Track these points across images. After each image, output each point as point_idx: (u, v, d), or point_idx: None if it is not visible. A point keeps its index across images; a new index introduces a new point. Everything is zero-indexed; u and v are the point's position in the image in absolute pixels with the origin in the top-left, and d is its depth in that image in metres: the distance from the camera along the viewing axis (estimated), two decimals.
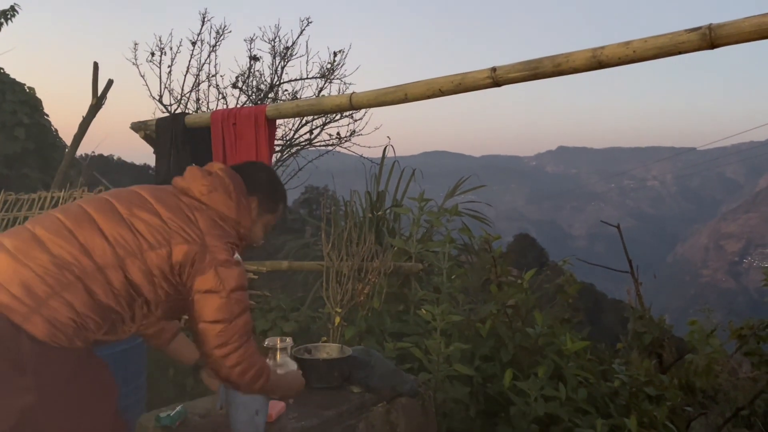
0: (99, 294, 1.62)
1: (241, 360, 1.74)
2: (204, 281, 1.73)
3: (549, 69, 2.10)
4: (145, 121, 3.76)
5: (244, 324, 1.75)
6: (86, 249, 1.64)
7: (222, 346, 1.71)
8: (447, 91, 2.35)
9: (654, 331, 4.65)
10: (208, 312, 1.72)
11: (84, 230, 1.68)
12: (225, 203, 1.89)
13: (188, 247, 1.72)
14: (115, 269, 1.65)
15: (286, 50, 8.10)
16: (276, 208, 2.07)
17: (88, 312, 1.61)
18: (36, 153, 9.39)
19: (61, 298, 1.58)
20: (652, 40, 1.85)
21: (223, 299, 1.73)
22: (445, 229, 3.32)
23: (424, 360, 2.76)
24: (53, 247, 1.63)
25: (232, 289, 1.75)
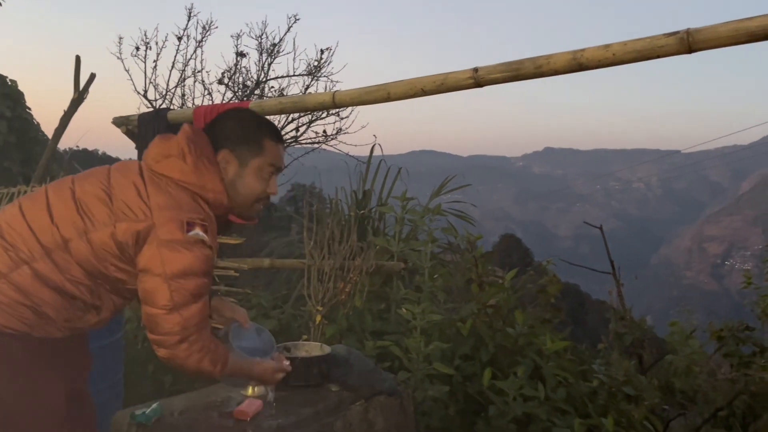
0: (49, 277, 1.54)
1: (187, 354, 1.57)
2: (143, 259, 1.55)
3: (530, 70, 2.11)
4: (127, 116, 3.73)
5: (190, 316, 1.56)
6: (33, 231, 1.57)
7: (163, 335, 1.55)
8: (429, 90, 2.35)
9: (635, 331, 4.69)
10: (146, 295, 1.56)
11: (34, 211, 1.60)
12: (179, 168, 1.64)
13: (132, 225, 1.55)
14: (62, 251, 1.55)
15: (273, 47, 8.07)
16: (259, 148, 1.75)
17: (40, 296, 1.54)
18: (17, 146, 9.29)
19: (6, 282, 1.52)
20: (632, 43, 1.87)
21: (163, 284, 1.54)
22: (429, 229, 3.32)
23: (404, 359, 2.77)
24: (5, 230, 1.58)
25: (174, 274, 1.54)
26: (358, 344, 3.01)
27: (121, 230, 1.55)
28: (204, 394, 2.18)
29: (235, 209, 1.79)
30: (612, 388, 3.43)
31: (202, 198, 1.65)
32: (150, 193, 1.59)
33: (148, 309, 1.56)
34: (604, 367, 3.77)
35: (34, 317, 1.55)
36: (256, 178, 1.76)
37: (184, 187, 1.63)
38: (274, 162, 1.79)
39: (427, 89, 2.37)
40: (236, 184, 1.74)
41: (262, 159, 1.76)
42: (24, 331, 1.54)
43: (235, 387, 2.03)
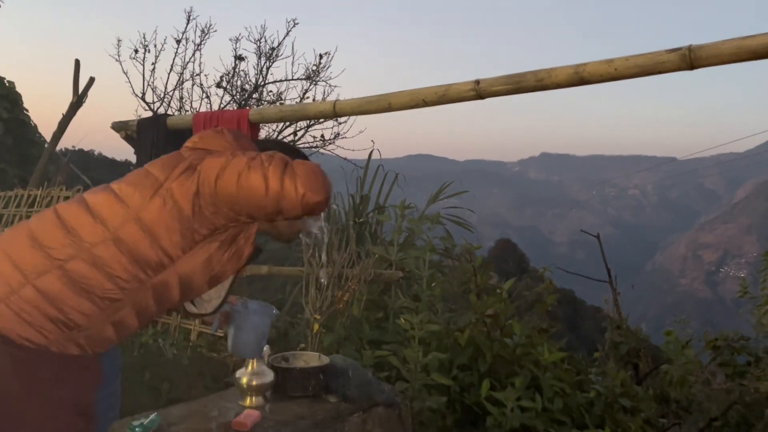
0: (82, 278, 1.50)
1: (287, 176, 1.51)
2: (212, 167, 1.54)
3: (531, 83, 2.11)
4: (126, 121, 3.72)
5: (271, 156, 1.54)
6: (73, 229, 1.53)
7: (266, 179, 1.50)
8: (431, 101, 2.35)
9: (631, 341, 4.70)
10: (247, 184, 1.51)
11: (72, 214, 1.57)
12: (217, 141, 1.67)
13: (185, 177, 1.55)
14: (107, 243, 1.52)
15: (272, 51, 8.07)
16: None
17: (68, 302, 1.49)
18: (14, 148, 9.28)
19: (32, 287, 1.47)
20: (634, 59, 1.88)
21: (231, 160, 1.54)
22: (427, 237, 3.32)
23: (402, 369, 2.76)
24: (38, 232, 1.54)
25: (246, 159, 1.54)
26: (356, 353, 3.00)
27: (176, 188, 1.54)
28: (202, 404, 2.18)
29: (276, 229, 1.76)
30: (609, 399, 3.44)
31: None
32: (187, 155, 1.61)
33: (255, 191, 1.51)
34: (600, 377, 3.77)
35: (57, 330, 1.50)
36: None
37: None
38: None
39: (428, 100, 2.38)
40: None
41: None
42: (42, 344, 1.49)
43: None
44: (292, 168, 1.54)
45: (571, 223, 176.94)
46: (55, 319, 1.49)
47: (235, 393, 2.21)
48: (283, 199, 1.51)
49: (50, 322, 1.49)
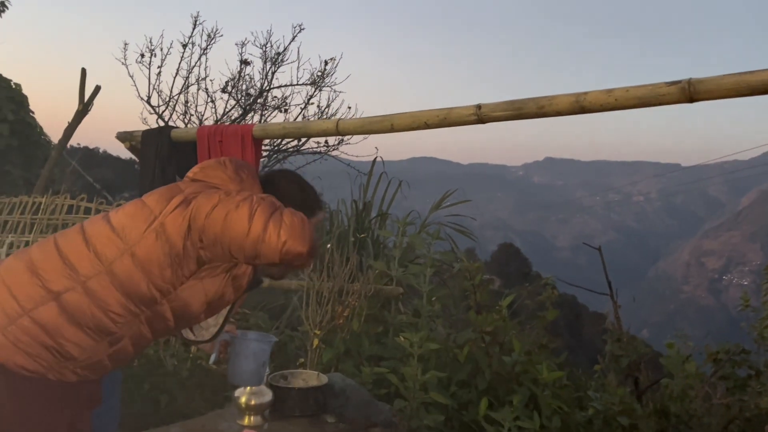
0: (78, 311, 1.53)
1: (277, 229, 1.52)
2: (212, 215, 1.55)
3: (533, 110, 2.13)
4: (131, 132, 3.75)
5: (262, 199, 1.57)
6: (69, 262, 1.56)
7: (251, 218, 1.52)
8: (432, 124, 2.37)
9: (631, 354, 4.69)
10: (232, 223, 1.54)
11: (70, 244, 1.61)
12: (218, 174, 1.69)
13: (178, 211, 1.58)
14: (102, 276, 1.55)
15: (278, 56, 8.10)
16: (311, 215, 1.78)
17: (64, 334, 1.52)
18: (19, 150, 9.32)
19: (29, 319, 1.51)
20: (634, 90, 1.90)
21: (240, 203, 1.56)
22: (428, 253, 3.33)
23: (401, 387, 2.77)
24: (37, 263, 1.58)
25: (242, 198, 1.57)
26: (355, 369, 3.01)
27: (169, 222, 1.56)
28: (200, 423, 2.19)
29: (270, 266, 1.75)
30: (607, 417, 3.44)
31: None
32: (184, 187, 1.63)
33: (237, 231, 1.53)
34: (599, 393, 3.77)
35: (53, 359, 1.53)
36: None
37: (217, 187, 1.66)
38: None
39: (430, 123, 2.40)
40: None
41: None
42: (40, 372, 1.52)
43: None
44: (279, 214, 1.55)
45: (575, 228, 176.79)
46: (51, 348, 1.52)
47: (234, 411, 2.23)
48: (262, 243, 1.52)
49: (47, 352, 1.51)
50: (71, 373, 1.57)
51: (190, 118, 7.84)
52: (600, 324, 5.98)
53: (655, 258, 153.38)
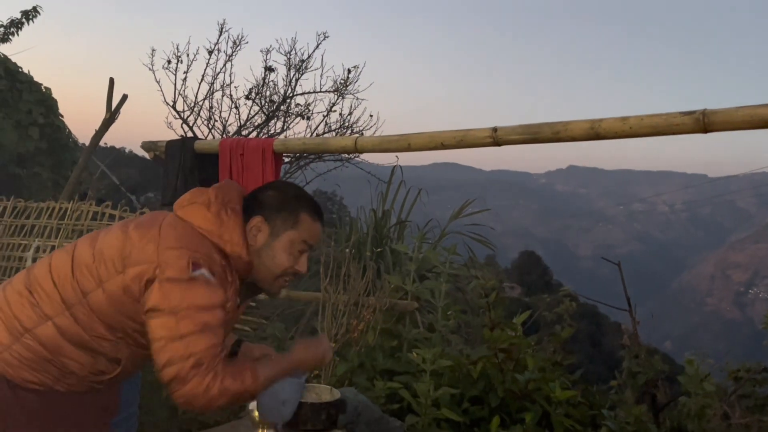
0: (71, 333, 1.56)
1: (201, 385, 1.48)
2: (149, 299, 1.51)
3: (548, 135, 2.15)
4: (155, 142, 3.84)
5: (195, 344, 1.48)
6: (57, 285, 1.59)
7: (166, 366, 1.48)
8: (448, 145, 2.41)
9: (649, 371, 4.66)
10: (152, 332, 1.51)
11: (60, 266, 1.63)
12: (201, 215, 1.63)
13: (140, 268, 1.53)
14: (82, 305, 1.56)
15: (302, 63, 8.20)
16: (295, 221, 1.69)
17: (63, 352, 1.56)
18: (48, 153, 9.56)
19: (31, 337, 1.56)
20: (648, 119, 1.91)
21: (167, 316, 1.49)
22: (445, 270, 3.36)
23: (413, 402, 2.80)
24: (33, 285, 1.62)
25: (177, 307, 1.49)
26: (369, 383, 3.04)
27: (130, 276, 1.54)
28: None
29: (258, 280, 1.73)
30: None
31: (221, 249, 1.61)
32: (163, 235, 1.57)
33: (155, 345, 1.51)
34: (614, 412, 3.75)
35: (58, 372, 1.58)
36: (285, 252, 1.69)
37: (201, 234, 1.60)
38: (309, 239, 1.72)
39: (446, 143, 2.43)
40: (262, 254, 1.68)
41: (296, 233, 1.70)
42: (48, 384, 1.58)
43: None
44: (208, 368, 1.50)
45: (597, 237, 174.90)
46: (54, 363, 1.58)
47: (248, 424, 2.27)
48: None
49: (51, 366, 1.58)
50: (78, 384, 1.63)
51: (214, 124, 7.97)
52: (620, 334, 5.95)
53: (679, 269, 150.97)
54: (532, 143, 2.21)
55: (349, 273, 3.30)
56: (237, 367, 1.57)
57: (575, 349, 7.08)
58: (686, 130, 1.86)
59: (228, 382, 1.52)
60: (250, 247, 1.67)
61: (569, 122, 2.09)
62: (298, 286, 5.83)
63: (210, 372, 1.49)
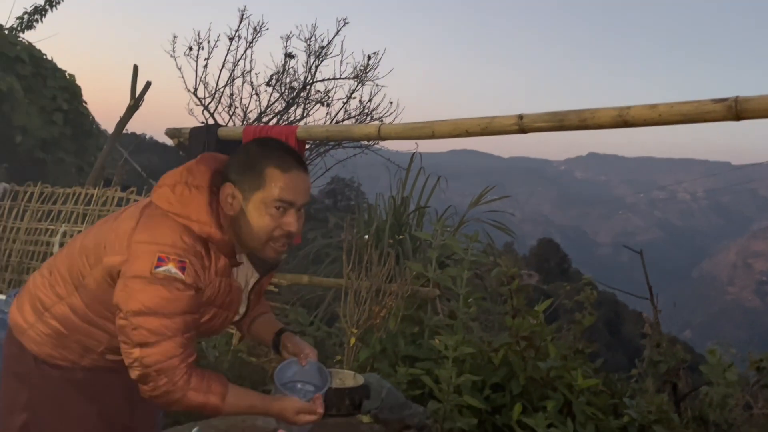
0: (82, 312, 1.59)
1: (160, 391, 1.48)
2: (115, 294, 1.50)
3: (574, 123, 2.14)
4: (179, 129, 3.87)
5: (151, 355, 1.46)
6: (69, 268, 1.63)
7: (129, 367, 1.50)
8: (473, 132, 2.40)
9: (670, 360, 4.63)
10: (116, 329, 1.51)
11: (72, 249, 1.66)
12: (166, 197, 1.56)
13: (111, 259, 1.52)
14: (83, 288, 1.59)
15: (321, 49, 8.19)
16: (261, 180, 1.54)
17: (79, 329, 1.60)
18: (72, 139, 9.67)
19: (50, 315, 1.62)
20: (678, 106, 1.88)
21: (122, 321, 1.48)
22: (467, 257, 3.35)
23: (435, 389, 2.81)
24: (54, 266, 1.67)
25: (133, 312, 1.46)
26: (391, 369, 3.06)
27: (105, 265, 1.54)
28: (241, 417, 2.28)
29: (249, 249, 1.64)
30: (643, 424, 3.41)
31: (190, 230, 1.53)
32: (139, 226, 1.53)
33: (120, 344, 1.52)
34: (635, 401, 3.74)
35: (79, 348, 1.63)
36: (261, 214, 1.55)
37: (173, 219, 1.53)
38: (283, 196, 1.54)
39: (471, 131, 2.42)
40: (241, 222, 1.57)
41: (265, 193, 1.54)
42: (72, 360, 1.63)
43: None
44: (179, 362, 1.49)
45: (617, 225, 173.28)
46: (73, 341, 1.63)
47: None
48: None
49: (72, 343, 1.63)
50: (100, 361, 1.66)
51: (235, 111, 8.01)
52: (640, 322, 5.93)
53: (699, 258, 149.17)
54: (558, 131, 2.19)
55: (371, 260, 3.31)
56: (206, 384, 1.53)
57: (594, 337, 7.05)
58: (717, 118, 1.83)
59: (191, 395, 1.50)
60: (229, 216, 1.58)
61: (597, 110, 2.07)
62: (319, 271, 5.87)
63: (170, 381, 1.48)
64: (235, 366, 3.42)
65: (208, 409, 1.54)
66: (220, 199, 1.58)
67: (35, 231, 5.37)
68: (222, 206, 1.57)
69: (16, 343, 1.66)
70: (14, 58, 9.34)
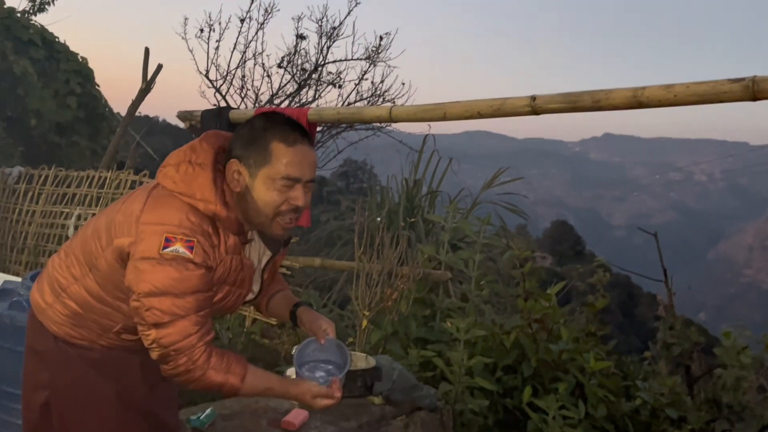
0: (96, 293, 1.61)
1: (180, 370, 1.50)
2: (126, 276, 1.52)
3: (588, 104, 2.11)
4: (191, 112, 3.88)
5: (167, 335, 1.48)
6: (82, 250, 1.64)
7: (149, 347, 1.52)
8: (485, 114, 2.38)
9: (684, 343, 4.61)
10: (131, 310, 1.53)
11: (86, 232, 1.67)
12: (171, 177, 1.55)
13: (121, 241, 1.53)
14: (96, 269, 1.60)
15: (333, 30, 8.13)
16: (267, 155, 1.54)
17: (95, 309, 1.62)
18: (86, 122, 9.73)
19: (67, 296, 1.64)
20: (694, 86, 1.85)
21: (135, 302, 1.49)
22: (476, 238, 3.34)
23: (446, 371, 2.83)
24: (71, 248, 1.69)
25: (145, 293, 1.47)
26: (402, 351, 3.08)
27: (115, 247, 1.55)
28: (254, 399, 2.30)
29: (256, 225, 1.62)
30: (655, 407, 3.41)
31: (196, 209, 1.53)
32: (146, 207, 1.53)
33: (137, 325, 1.54)
34: (648, 383, 3.73)
35: (97, 328, 1.65)
36: (268, 190, 1.54)
37: (179, 199, 1.53)
38: (289, 172, 1.54)
39: (483, 113, 2.40)
40: (247, 198, 1.56)
41: (272, 168, 1.53)
42: (91, 339, 1.65)
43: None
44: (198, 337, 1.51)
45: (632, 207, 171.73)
46: (89, 320, 1.64)
47: None
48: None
49: (89, 323, 1.64)
50: (118, 340, 1.68)
51: (247, 93, 7.99)
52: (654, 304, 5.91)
53: (715, 240, 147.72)
54: (572, 112, 2.17)
55: (383, 242, 3.32)
56: (226, 364, 1.55)
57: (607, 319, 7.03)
58: (734, 98, 1.80)
59: (211, 374, 1.52)
60: (235, 193, 1.57)
61: (611, 90, 2.04)
62: (332, 254, 5.89)
63: (189, 360, 1.50)
64: (249, 348, 3.45)
65: (227, 388, 1.56)
66: (226, 175, 1.57)
67: (50, 214, 5.43)
68: (228, 183, 1.57)
69: (37, 322, 1.69)
70: (27, 41, 9.37)
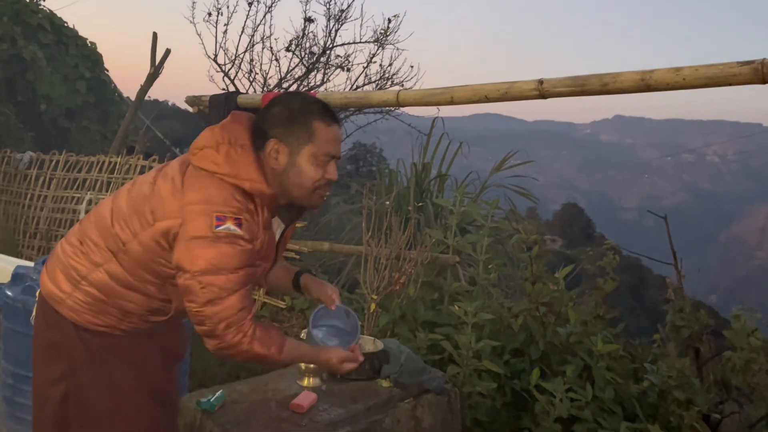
0: (120, 277, 1.64)
1: (228, 344, 1.57)
2: (175, 256, 1.56)
3: (596, 87, 2.10)
4: (199, 97, 3.88)
5: (223, 310, 1.54)
6: (101, 235, 1.66)
7: (201, 327, 1.58)
8: (492, 98, 2.37)
9: (693, 325, 4.61)
10: (182, 291, 1.58)
11: (102, 216, 1.68)
12: (212, 159, 1.60)
13: (165, 223, 1.57)
14: (123, 253, 1.63)
15: (341, 13, 8.10)
16: (310, 134, 1.64)
17: (119, 294, 1.64)
18: (96, 106, 9.76)
19: (88, 283, 1.65)
20: (703, 69, 1.83)
21: (192, 280, 1.53)
22: (487, 224, 3.34)
23: (454, 354, 2.85)
24: (84, 234, 1.70)
25: (201, 270, 1.52)
26: (410, 334, 3.10)
27: (159, 229, 1.58)
28: (263, 381, 2.33)
29: (294, 199, 1.70)
30: (663, 389, 3.42)
31: (240, 188, 1.59)
32: (185, 188, 1.58)
33: (186, 304, 1.59)
34: (656, 366, 3.74)
35: (119, 313, 1.67)
36: (311, 165, 1.65)
37: (220, 179, 1.58)
38: (329, 149, 1.66)
39: (490, 97, 2.39)
40: (289, 174, 1.65)
41: (315, 146, 1.64)
42: (112, 325, 1.68)
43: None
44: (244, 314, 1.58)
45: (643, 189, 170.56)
46: (112, 306, 1.66)
47: (294, 373, 2.35)
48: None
49: (112, 308, 1.67)
50: (140, 323, 1.71)
51: (255, 77, 7.99)
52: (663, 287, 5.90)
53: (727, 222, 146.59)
54: (580, 95, 2.15)
55: (390, 226, 3.32)
56: (268, 336, 1.64)
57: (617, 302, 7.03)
58: (744, 81, 1.78)
59: (256, 346, 1.61)
60: (274, 171, 1.65)
61: (619, 74, 2.02)
62: (341, 237, 5.91)
63: (239, 332, 1.57)
64: None
65: (267, 359, 1.66)
66: (266, 154, 1.65)
67: (62, 199, 5.48)
68: (266, 161, 1.65)
69: (53, 312, 1.69)
70: (36, 26, 9.38)
